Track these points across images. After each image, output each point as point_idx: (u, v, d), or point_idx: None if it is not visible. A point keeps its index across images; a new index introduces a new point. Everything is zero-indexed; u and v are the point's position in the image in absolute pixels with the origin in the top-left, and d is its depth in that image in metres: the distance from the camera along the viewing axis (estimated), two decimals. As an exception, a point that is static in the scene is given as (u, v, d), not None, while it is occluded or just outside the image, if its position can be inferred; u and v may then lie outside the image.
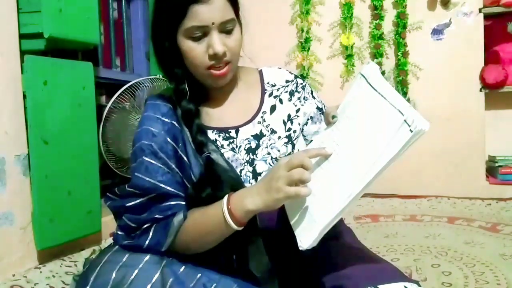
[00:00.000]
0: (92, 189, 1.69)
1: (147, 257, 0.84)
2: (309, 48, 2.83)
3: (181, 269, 0.83)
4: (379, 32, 2.70)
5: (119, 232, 0.91)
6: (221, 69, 0.89)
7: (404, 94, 2.69)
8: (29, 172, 1.45)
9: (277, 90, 1.01)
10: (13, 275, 1.36)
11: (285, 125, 0.98)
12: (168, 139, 0.91)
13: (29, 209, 1.45)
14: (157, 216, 0.86)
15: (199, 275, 0.82)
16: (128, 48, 2.59)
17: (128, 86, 1.99)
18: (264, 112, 0.99)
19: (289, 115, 1.00)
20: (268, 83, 1.02)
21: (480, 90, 2.62)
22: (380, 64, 2.73)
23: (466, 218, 2.18)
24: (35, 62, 1.46)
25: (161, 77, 2.10)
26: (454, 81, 2.65)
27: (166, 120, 0.93)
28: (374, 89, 0.79)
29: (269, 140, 0.96)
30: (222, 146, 0.94)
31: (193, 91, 0.93)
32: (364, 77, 0.83)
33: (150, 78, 2.07)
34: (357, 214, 2.30)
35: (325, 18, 2.84)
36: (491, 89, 2.60)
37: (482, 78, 2.59)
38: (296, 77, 1.05)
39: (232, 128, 0.96)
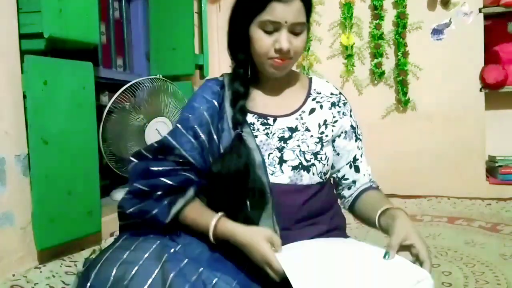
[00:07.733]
0: (92, 189, 1.69)
1: (147, 253, 0.84)
2: (309, 48, 2.83)
3: (183, 264, 0.83)
4: (379, 32, 2.70)
5: (126, 196, 0.97)
6: (282, 61, 0.97)
7: (404, 94, 2.69)
8: (29, 172, 1.45)
9: (321, 98, 1.09)
10: (13, 275, 1.36)
11: (319, 128, 1.05)
12: (206, 114, 1.01)
13: (29, 209, 1.45)
14: (171, 182, 0.95)
15: (201, 269, 0.83)
16: (128, 48, 2.59)
17: (128, 86, 1.99)
18: (303, 112, 1.06)
19: (325, 120, 1.06)
20: (314, 89, 1.10)
21: (480, 90, 2.62)
22: (380, 64, 2.74)
23: (466, 218, 2.18)
24: (35, 62, 1.46)
25: (161, 77, 2.10)
26: (454, 81, 2.65)
27: (210, 99, 1.03)
28: None
29: (302, 135, 1.02)
30: (258, 129, 1.02)
31: (249, 76, 1.04)
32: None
33: (150, 78, 2.06)
34: (357, 214, 2.30)
35: (325, 18, 2.84)
36: (491, 89, 2.61)
37: (482, 78, 2.59)
38: (340, 93, 1.13)
39: (271, 116, 1.03)
